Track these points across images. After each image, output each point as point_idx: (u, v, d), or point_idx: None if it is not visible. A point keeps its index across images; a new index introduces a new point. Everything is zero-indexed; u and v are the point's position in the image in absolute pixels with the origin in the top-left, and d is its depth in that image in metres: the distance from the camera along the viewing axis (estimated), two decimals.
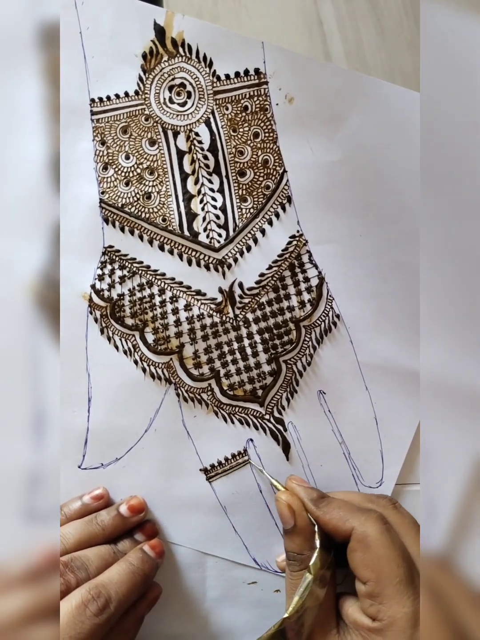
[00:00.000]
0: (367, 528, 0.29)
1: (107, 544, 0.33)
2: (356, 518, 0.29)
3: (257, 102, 0.35)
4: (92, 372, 0.35)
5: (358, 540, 0.29)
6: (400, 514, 0.31)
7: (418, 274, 0.36)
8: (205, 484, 0.36)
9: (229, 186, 0.35)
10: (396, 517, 0.30)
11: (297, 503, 0.31)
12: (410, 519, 0.31)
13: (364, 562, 0.28)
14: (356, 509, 0.30)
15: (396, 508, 0.31)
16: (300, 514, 0.31)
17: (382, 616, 0.27)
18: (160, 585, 0.35)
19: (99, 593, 0.29)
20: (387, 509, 0.31)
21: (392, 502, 0.32)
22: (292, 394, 0.36)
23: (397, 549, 0.28)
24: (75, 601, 0.28)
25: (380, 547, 0.28)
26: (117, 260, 0.35)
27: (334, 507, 0.31)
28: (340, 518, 0.30)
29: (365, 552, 0.28)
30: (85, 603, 0.28)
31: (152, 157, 0.35)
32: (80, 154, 0.35)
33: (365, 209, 0.36)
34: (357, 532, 0.29)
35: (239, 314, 0.36)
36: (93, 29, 0.34)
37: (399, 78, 0.38)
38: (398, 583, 0.27)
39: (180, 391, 0.36)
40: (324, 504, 0.31)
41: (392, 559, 0.28)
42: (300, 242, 0.36)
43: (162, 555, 0.34)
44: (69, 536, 0.32)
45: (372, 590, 0.28)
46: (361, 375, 0.36)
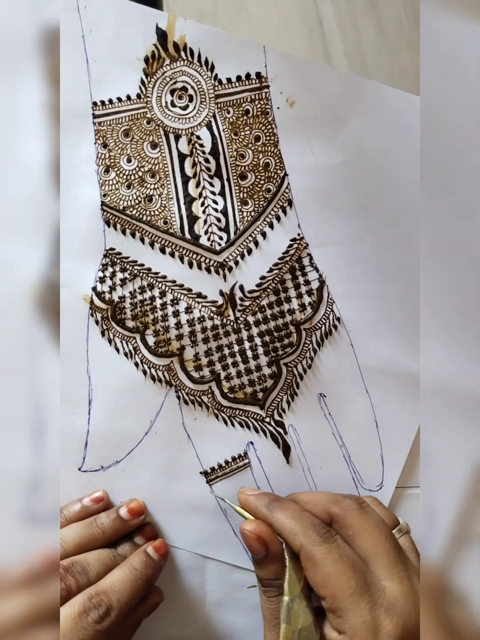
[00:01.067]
0: (314, 548, 0.28)
1: (106, 547, 0.33)
2: (305, 535, 0.29)
3: (259, 106, 0.35)
4: (93, 374, 0.35)
5: (307, 560, 0.29)
6: (365, 515, 0.30)
7: (418, 277, 0.36)
8: (206, 487, 0.36)
9: (230, 189, 0.35)
10: (359, 519, 0.30)
11: (265, 531, 0.30)
12: (376, 519, 0.30)
13: (316, 580, 0.28)
14: (308, 523, 0.30)
15: (362, 508, 0.31)
16: (272, 541, 0.30)
17: (344, 628, 0.27)
18: (162, 591, 0.34)
19: (100, 601, 0.29)
20: (351, 510, 0.30)
21: (358, 502, 0.31)
22: (292, 396, 0.36)
23: (347, 562, 0.28)
24: (77, 608, 0.28)
25: (328, 564, 0.28)
26: (118, 263, 0.35)
27: (286, 516, 0.30)
28: (291, 532, 0.29)
29: (315, 572, 0.28)
30: (87, 611, 0.28)
31: (154, 160, 0.35)
32: (82, 157, 0.35)
33: (366, 212, 0.36)
34: (305, 551, 0.29)
35: (239, 316, 0.36)
36: (95, 33, 0.34)
37: (399, 78, 0.38)
38: (352, 594, 0.27)
39: (180, 394, 0.36)
40: (277, 509, 0.31)
41: (342, 572, 0.27)
42: (301, 245, 0.36)
43: (165, 557, 0.34)
44: (69, 539, 0.32)
45: (330, 606, 0.28)
46: (361, 378, 0.36)
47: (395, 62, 0.39)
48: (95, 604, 0.29)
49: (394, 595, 0.27)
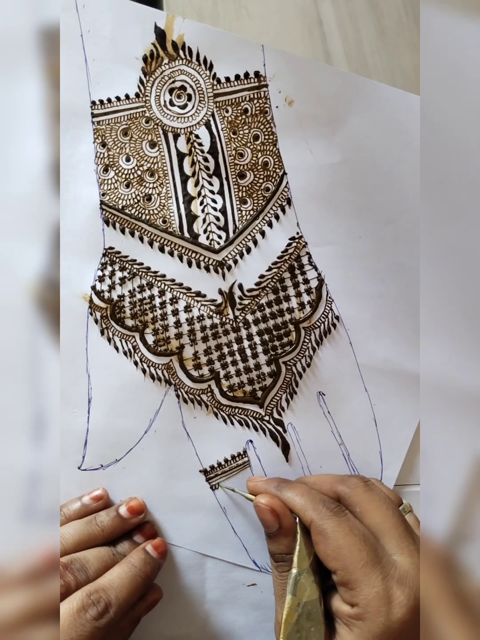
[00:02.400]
0: (325, 522, 0.29)
1: (106, 545, 0.33)
2: (315, 510, 0.29)
3: (257, 105, 0.35)
4: (92, 373, 0.35)
5: (317, 533, 0.29)
6: (371, 492, 0.31)
7: (417, 275, 0.36)
8: (205, 485, 0.36)
9: (229, 188, 0.35)
10: (366, 496, 0.30)
11: (278, 504, 0.31)
12: (382, 495, 0.31)
13: (327, 553, 0.28)
14: (318, 499, 0.30)
15: (367, 486, 0.31)
16: (284, 514, 0.30)
17: (357, 600, 0.27)
18: (160, 589, 0.35)
19: (99, 598, 0.29)
20: (357, 487, 0.31)
21: (364, 480, 0.32)
22: (291, 395, 0.36)
23: (357, 534, 0.28)
24: (75, 604, 0.28)
25: (338, 537, 0.28)
26: (117, 262, 0.35)
27: (296, 494, 0.31)
28: (301, 507, 0.30)
29: (326, 544, 0.29)
30: (86, 607, 0.28)
31: (153, 159, 0.35)
32: (81, 156, 0.35)
33: (365, 211, 0.36)
34: (315, 525, 0.29)
35: (238, 315, 0.36)
36: (94, 32, 0.34)
37: (399, 78, 0.38)
38: (364, 566, 0.27)
39: (180, 392, 0.36)
40: (287, 487, 0.31)
41: (352, 545, 0.28)
42: (299, 243, 0.36)
43: (164, 556, 0.34)
44: (68, 536, 0.32)
45: (342, 579, 0.28)
46: (360, 376, 0.36)
47: (395, 62, 0.39)
48: (94, 600, 0.29)
49: (405, 567, 0.28)
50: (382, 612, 0.26)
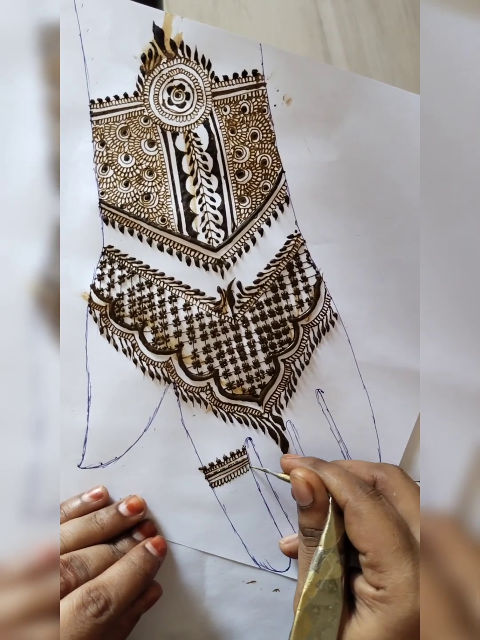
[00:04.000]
0: (360, 503, 0.29)
1: (106, 543, 0.33)
2: (351, 491, 0.30)
3: (255, 103, 0.35)
4: (92, 371, 0.35)
5: (352, 514, 0.29)
6: (407, 479, 0.31)
7: (416, 273, 0.36)
8: (205, 483, 0.36)
9: (228, 186, 0.35)
10: (403, 482, 0.31)
11: (315, 479, 0.31)
12: (416, 487, 0.31)
13: (360, 534, 0.29)
14: (354, 480, 0.30)
15: (404, 473, 0.32)
16: (320, 490, 0.31)
17: (384, 584, 0.27)
18: (160, 586, 0.35)
19: (99, 595, 0.29)
20: (395, 473, 0.31)
21: (400, 469, 0.32)
22: (290, 392, 0.36)
23: (392, 519, 0.29)
24: (75, 601, 0.28)
25: (374, 519, 0.28)
26: (116, 260, 0.35)
27: (332, 473, 0.31)
28: (337, 487, 0.30)
29: (359, 525, 0.29)
30: (85, 604, 0.28)
31: (151, 158, 0.35)
32: (80, 155, 0.35)
33: (363, 209, 0.36)
34: (350, 506, 0.29)
35: (237, 313, 0.36)
36: (93, 31, 0.34)
37: (399, 78, 0.38)
38: (396, 550, 0.27)
39: (179, 390, 0.36)
40: (323, 467, 0.32)
41: (387, 528, 0.28)
42: (298, 241, 0.36)
43: (164, 553, 0.34)
44: (68, 534, 0.32)
45: (371, 560, 0.28)
46: (359, 373, 0.37)
47: (395, 61, 0.39)
48: (94, 597, 0.29)
49: None
50: (409, 598, 0.27)
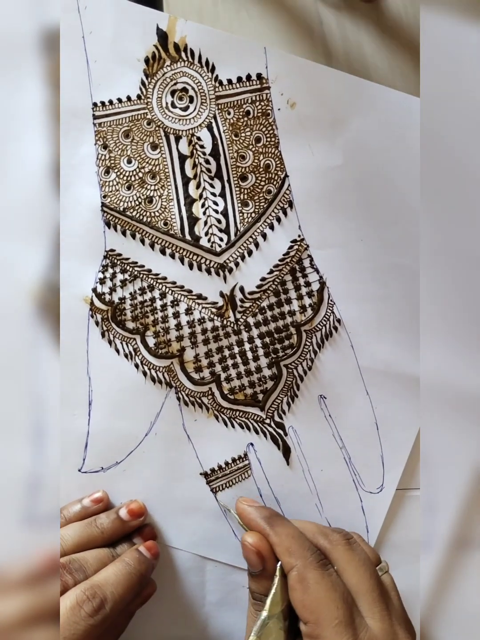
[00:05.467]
0: (309, 571, 0.28)
1: (105, 547, 0.33)
2: (302, 557, 0.29)
3: (259, 107, 0.35)
4: (93, 375, 0.35)
5: (298, 580, 0.28)
6: (351, 551, 0.30)
7: (419, 278, 0.36)
8: (206, 488, 0.36)
9: (231, 190, 0.35)
10: (346, 555, 0.30)
11: (265, 547, 0.30)
12: (362, 555, 0.31)
13: (304, 603, 0.28)
14: (306, 546, 0.30)
15: (349, 544, 0.31)
16: (270, 558, 0.30)
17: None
18: (154, 582, 0.34)
19: (94, 594, 0.29)
20: (339, 545, 0.31)
21: (347, 537, 0.31)
22: (292, 398, 0.36)
23: (338, 591, 0.28)
24: (70, 601, 0.28)
25: (320, 589, 0.28)
26: (118, 264, 0.35)
27: (286, 534, 0.30)
28: (288, 549, 0.29)
29: (304, 594, 0.28)
30: (80, 604, 0.28)
31: (154, 161, 0.35)
32: (83, 158, 0.35)
33: (366, 213, 0.36)
34: (299, 572, 0.29)
35: (239, 318, 0.36)
36: (96, 33, 0.34)
37: (399, 78, 0.38)
38: (337, 625, 0.27)
39: (180, 395, 0.36)
40: (278, 524, 0.31)
41: (332, 601, 0.28)
42: (301, 246, 0.36)
43: (157, 557, 0.34)
44: (68, 538, 0.32)
45: (312, 632, 0.27)
46: (362, 379, 0.36)
47: (395, 62, 0.38)
48: (89, 596, 0.28)
49: (375, 632, 0.27)
50: None
